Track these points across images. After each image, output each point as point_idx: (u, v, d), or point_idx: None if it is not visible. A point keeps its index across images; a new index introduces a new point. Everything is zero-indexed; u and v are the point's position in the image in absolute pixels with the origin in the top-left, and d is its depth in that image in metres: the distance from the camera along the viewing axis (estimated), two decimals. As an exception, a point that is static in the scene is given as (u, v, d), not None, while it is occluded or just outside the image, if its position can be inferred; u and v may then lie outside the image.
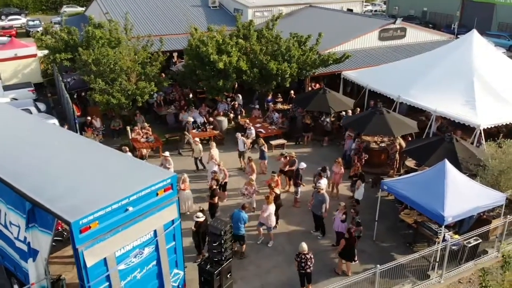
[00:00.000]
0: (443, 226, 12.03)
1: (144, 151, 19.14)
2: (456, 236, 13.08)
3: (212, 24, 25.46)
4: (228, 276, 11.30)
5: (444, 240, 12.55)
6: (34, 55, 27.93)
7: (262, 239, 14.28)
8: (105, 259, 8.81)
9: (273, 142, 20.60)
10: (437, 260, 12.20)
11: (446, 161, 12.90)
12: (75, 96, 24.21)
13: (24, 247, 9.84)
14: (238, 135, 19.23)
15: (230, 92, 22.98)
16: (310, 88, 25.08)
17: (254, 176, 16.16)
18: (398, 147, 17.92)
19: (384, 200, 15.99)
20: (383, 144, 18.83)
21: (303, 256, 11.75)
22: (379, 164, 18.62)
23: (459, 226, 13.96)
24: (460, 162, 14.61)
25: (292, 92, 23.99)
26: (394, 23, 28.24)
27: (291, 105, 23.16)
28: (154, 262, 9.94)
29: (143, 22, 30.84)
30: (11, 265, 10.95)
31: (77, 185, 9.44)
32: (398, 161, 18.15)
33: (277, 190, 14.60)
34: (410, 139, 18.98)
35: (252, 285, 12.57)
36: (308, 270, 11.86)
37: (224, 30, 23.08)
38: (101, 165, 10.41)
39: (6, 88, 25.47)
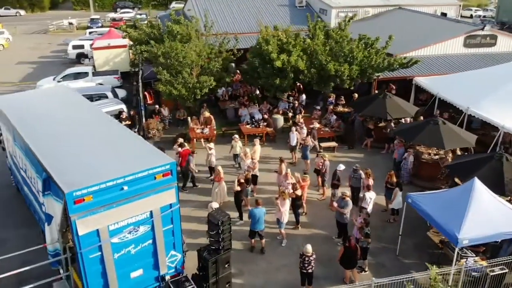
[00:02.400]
0: (456, 248, 11.10)
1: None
2: (483, 262, 11.96)
3: (296, 24, 25.58)
4: (226, 265, 11.62)
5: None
6: (125, 46, 30.54)
7: (281, 238, 14.37)
8: (97, 230, 9.69)
9: (323, 144, 20.34)
10: (449, 284, 11.28)
11: (476, 179, 11.85)
12: (152, 85, 26.14)
13: (47, 212, 11.15)
14: (293, 129, 19.38)
15: (288, 90, 23.04)
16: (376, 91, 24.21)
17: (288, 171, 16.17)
18: (450, 161, 16.70)
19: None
20: (436, 157, 17.64)
21: (306, 258, 11.72)
22: (430, 178, 17.47)
23: (493, 252, 12.72)
24: (505, 183, 13.29)
25: (355, 95, 23.38)
26: (482, 29, 26.00)
27: (350, 108, 22.64)
28: (150, 241, 10.63)
29: (228, 20, 32.07)
30: (43, 227, 12.42)
31: (88, 162, 10.48)
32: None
33: (298, 192, 14.54)
34: (466, 154, 17.56)
35: (257, 279, 12.77)
36: (310, 271, 11.83)
37: (290, 30, 23.17)
38: (115, 147, 11.40)
39: (96, 74, 28.30)
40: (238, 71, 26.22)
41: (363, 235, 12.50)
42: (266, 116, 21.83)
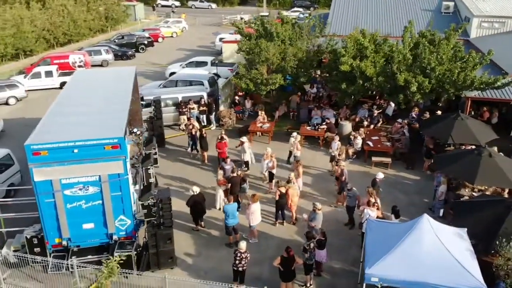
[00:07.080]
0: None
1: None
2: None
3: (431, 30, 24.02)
4: (167, 241, 12.65)
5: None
6: (248, 41, 32.83)
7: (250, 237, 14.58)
8: (51, 180, 11.91)
9: (375, 159, 19.02)
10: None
11: (425, 215, 10.24)
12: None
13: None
14: (336, 138, 18.88)
15: (358, 97, 21.85)
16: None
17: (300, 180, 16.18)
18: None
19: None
20: (475, 194, 15.00)
21: (238, 254, 11.96)
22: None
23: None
24: (499, 234, 10.94)
25: (438, 111, 20.90)
26: None
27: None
28: (100, 201, 12.43)
29: (361, 21, 31.45)
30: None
31: (65, 126, 12.84)
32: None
33: (283, 189, 14.45)
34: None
35: (206, 264, 13.47)
36: (241, 269, 12.05)
37: (377, 34, 21.88)
38: (97, 119, 13.40)
39: (214, 64, 31.29)
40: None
41: (302, 249, 12.01)
42: (328, 121, 21.36)
